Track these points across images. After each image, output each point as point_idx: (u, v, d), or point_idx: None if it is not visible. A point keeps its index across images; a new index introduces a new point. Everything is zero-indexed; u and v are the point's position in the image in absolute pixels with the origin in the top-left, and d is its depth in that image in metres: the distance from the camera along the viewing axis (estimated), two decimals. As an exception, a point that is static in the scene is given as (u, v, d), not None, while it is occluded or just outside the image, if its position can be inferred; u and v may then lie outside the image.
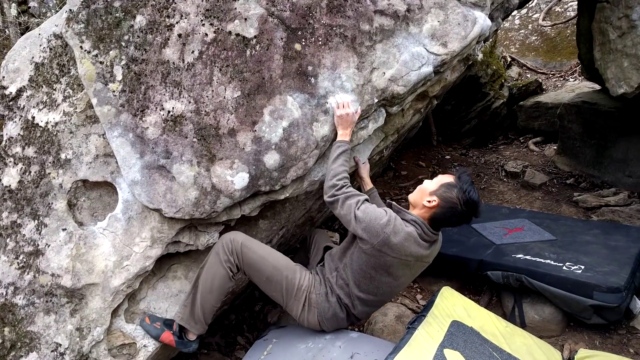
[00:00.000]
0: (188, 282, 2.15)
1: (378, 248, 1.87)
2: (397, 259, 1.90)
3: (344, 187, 1.96)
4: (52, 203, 2.07)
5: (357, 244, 1.96)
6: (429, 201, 1.95)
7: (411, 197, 2.06)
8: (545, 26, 6.78)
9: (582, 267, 2.48)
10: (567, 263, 2.53)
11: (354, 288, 2.00)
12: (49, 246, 2.03)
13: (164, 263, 2.15)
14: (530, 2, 6.93)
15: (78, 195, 2.10)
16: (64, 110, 2.12)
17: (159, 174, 1.95)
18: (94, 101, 1.98)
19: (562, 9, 6.92)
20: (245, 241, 2.03)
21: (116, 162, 2.00)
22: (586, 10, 3.52)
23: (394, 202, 2.07)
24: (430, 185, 2.01)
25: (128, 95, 1.97)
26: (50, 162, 2.10)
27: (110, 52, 1.98)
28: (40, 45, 2.19)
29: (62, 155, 2.09)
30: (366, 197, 1.99)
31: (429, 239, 1.96)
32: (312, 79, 2.05)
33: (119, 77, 1.98)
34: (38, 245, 2.05)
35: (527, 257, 2.63)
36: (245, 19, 2.04)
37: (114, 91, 1.97)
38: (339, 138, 2.05)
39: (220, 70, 2.01)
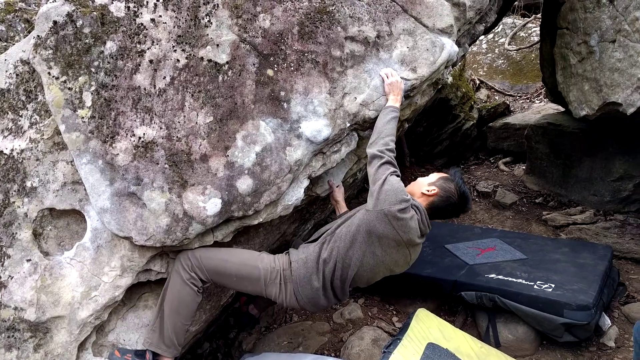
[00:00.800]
0: (159, 311, 2.09)
1: (386, 213, 1.89)
2: (394, 233, 1.92)
3: (393, 153, 2.03)
4: (16, 233, 2.00)
5: (361, 210, 2.01)
6: (429, 190, 2.08)
7: (407, 189, 2.09)
8: (511, 50, 7.04)
9: (553, 285, 2.53)
10: (538, 282, 2.58)
11: (341, 253, 2.00)
12: (12, 278, 1.96)
13: (135, 292, 2.09)
14: (496, 28, 7.20)
15: (44, 224, 2.04)
16: (30, 137, 2.07)
17: (129, 201, 1.91)
18: (62, 128, 1.94)
19: (526, 34, 7.21)
20: (203, 252, 2.01)
21: (85, 189, 1.96)
22: (548, 36, 3.68)
23: None
24: (427, 179, 2.17)
25: (98, 122, 1.94)
26: (14, 191, 2.04)
27: (80, 78, 1.96)
28: (7, 71, 2.15)
29: (28, 183, 2.03)
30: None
31: (423, 229, 2.01)
32: (285, 104, 2.07)
33: (89, 103, 1.95)
34: (0, 277, 1.97)
35: (500, 277, 2.66)
36: (218, 45, 2.05)
37: (82, 117, 1.94)
38: (390, 103, 2.13)
39: (192, 95, 2.00)
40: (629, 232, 3.40)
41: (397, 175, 1.98)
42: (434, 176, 2.17)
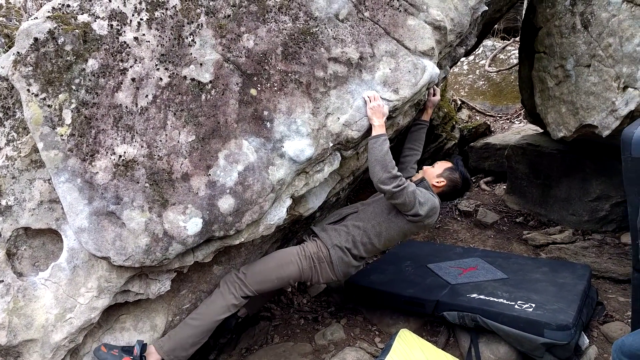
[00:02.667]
0: (137, 333, 2.05)
1: (427, 222, 2.41)
2: (427, 228, 2.58)
3: (403, 177, 2.28)
4: (-11, 252, 1.95)
5: (398, 216, 2.38)
6: (438, 182, 2.54)
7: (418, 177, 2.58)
8: (491, 72, 7.20)
9: (533, 305, 2.55)
10: (519, 301, 2.59)
11: (377, 246, 2.43)
12: (-17, 299, 1.89)
13: (111, 314, 2.04)
14: (476, 50, 7.37)
15: (18, 244, 1.99)
16: (6, 155, 2.03)
17: (108, 221, 1.88)
18: (40, 145, 1.91)
19: (506, 57, 7.39)
20: (247, 269, 2.25)
21: (62, 208, 1.92)
22: (526, 59, 3.77)
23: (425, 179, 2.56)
24: (435, 170, 2.58)
25: (77, 140, 1.92)
26: (-11, 209, 1.99)
27: (60, 96, 1.94)
28: (-16, 87, 2.12)
29: (3, 202, 1.98)
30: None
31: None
32: (268, 123, 2.07)
33: (68, 120, 1.93)
34: (-29, 298, 1.90)
35: (481, 297, 2.67)
36: (201, 64, 2.06)
37: (62, 135, 1.91)
38: (376, 130, 2.23)
39: (175, 114, 2.00)
40: (606, 251, 3.46)
41: (414, 187, 2.34)
42: (440, 167, 2.59)
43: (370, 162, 2.25)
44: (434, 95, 2.85)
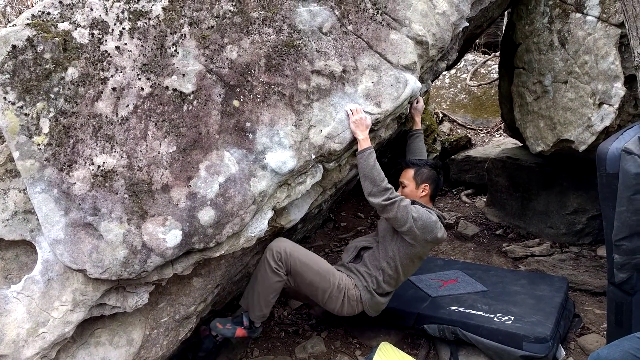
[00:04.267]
0: (113, 347, 2.00)
1: (429, 241, 2.38)
2: (434, 245, 2.50)
3: (394, 191, 2.30)
4: (-41, 264, 1.89)
5: (399, 241, 2.39)
6: (423, 192, 2.54)
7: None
8: (472, 86, 7.33)
9: (512, 317, 2.57)
10: (498, 314, 2.62)
11: (401, 276, 2.46)
12: (-48, 313, 1.83)
13: (86, 328, 1.99)
14: (458, 64, 7.49)
15: (-9, 255, 1.93)
16: (-20, 163, 1.98)
17: (85, 232, 1.84)
18: (16, 155, 1.86)
19: (487, 71, 7.53)
20: (291, 250, 2.30)
21: (37, 219, 1.88)
22: (506, 74, 3.85)
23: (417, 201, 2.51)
24: (409, 187, 2.55)
25: (55, 149, 1.88)
26: (-40, 219, 1.93)
27: (38, 104, 1.90)
28: (-41, 94, 2.06)
29: (-25, 212, 1.93)
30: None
31: (442, 219, 2.49)
32: (250, 134, 2.07)
33: (46, 129, 1.89)
34: (-61, 312, 1.84)
35: (461, 309, 2.69)
36: (184, 75, 2.04)
37: (39, 144, 1.87)
38: (361, 144, 2.23)
39: (156, 124, 1.98)
40: (583, 264, 3.52)
41: (408, 201, 2.32)
42: (409, 181, 2.55)
43: (360, 177, 2.30)
44: (417, 102, 2.88)
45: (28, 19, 1.95)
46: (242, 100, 2.08)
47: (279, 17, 2.21)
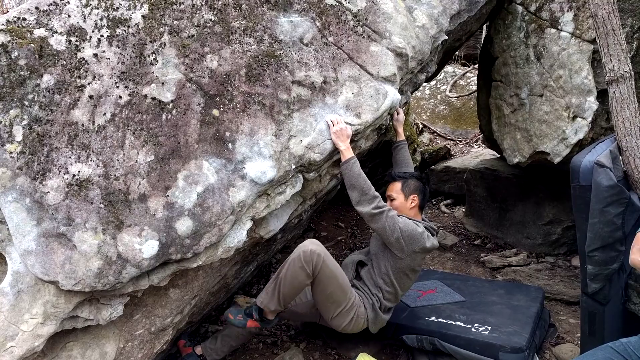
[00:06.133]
0: (85, 361, 1.94)
1: (417, 252, 2.40)
2: (424, 255, 2.48)
3: (382, 200, 2.32)
4: None
5: (389, 255, 2.42)
6: (412, 201, 2.55)
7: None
8: (451, 97, 7.44)
9: (489, 328, 2.60)
10: (476, 324, 2.64)
11: (398, 291, 2.49)
12: None
13: (57, 341, 1.94)
14: (438, 76, 7.60)
15: (-42, 266, 1.87)
16: (-51, 171, 1.91)
17: (57, 243, 1.80)
18: (-13, 162, 1.81)
19: (466, 83, 7.67)
20: (325, 257, 2.28)
21: (7, 229, 1.82)
22: (484, 87, 3.92)
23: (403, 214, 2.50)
24: (399, 200, 2.56)
25: (28, 157, 1.84)
26: None
27: (11, 112, 1.86)
28: None
29: (-57, 221, 1.87)
30: None
31: (432, 229, 2.54)
32: (230, 144, 2.05)
33: (19, 137, 1.84)
34: None
35: (440, 320, 2.70)
36: (163, 83, 2.02)
37: (11, 152, 1.83)
38: (344, 155, 2.26)
39: (134, 133, 1.95)
40: (558, 274, 3.58)
41: (395, 212, 2.35)
42: (397, 194, 2.57)
43: (347, 187, 2.33)
44: (398, 114, 2.92)
45: (3, 24, 1.91)
46: (222, 109, 2.07)
47: (260, 27, 2.22)
